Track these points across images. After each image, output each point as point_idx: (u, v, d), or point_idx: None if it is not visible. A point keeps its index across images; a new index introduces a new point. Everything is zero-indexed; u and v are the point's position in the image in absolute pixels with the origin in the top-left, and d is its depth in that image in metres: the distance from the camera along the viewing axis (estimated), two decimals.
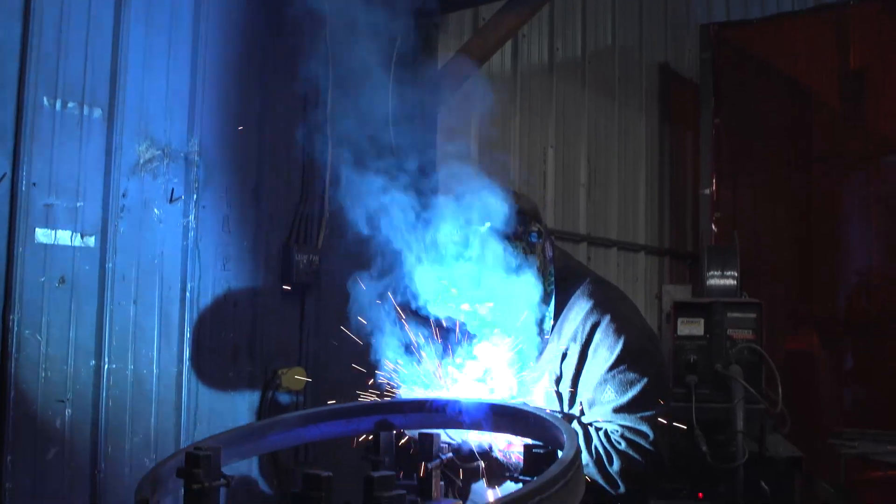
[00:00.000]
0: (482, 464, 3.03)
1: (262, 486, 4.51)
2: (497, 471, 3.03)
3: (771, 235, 8.32)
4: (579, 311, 3.25)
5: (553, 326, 3.29)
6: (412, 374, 3.18)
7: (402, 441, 2.94)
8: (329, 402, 3.12)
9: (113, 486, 3.88)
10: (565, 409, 3.22)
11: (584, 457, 3.03)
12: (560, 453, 2.39)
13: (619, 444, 3.06)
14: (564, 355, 3.23)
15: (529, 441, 2.72)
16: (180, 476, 2.33)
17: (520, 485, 2.57)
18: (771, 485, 5.64)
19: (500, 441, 3.03)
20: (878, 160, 7.89)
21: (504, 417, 2.84)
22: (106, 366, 3.89)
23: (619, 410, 3.09)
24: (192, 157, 4.23)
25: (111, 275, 3.91)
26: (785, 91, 8.36)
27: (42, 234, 3.69)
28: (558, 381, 3.23)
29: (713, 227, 8.15)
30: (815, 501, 6.20)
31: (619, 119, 7.83)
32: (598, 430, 3.12)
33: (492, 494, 3.04)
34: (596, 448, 3.07)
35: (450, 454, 2.96)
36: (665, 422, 3.17)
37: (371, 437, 2.93)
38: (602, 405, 3.12)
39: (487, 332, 3.15)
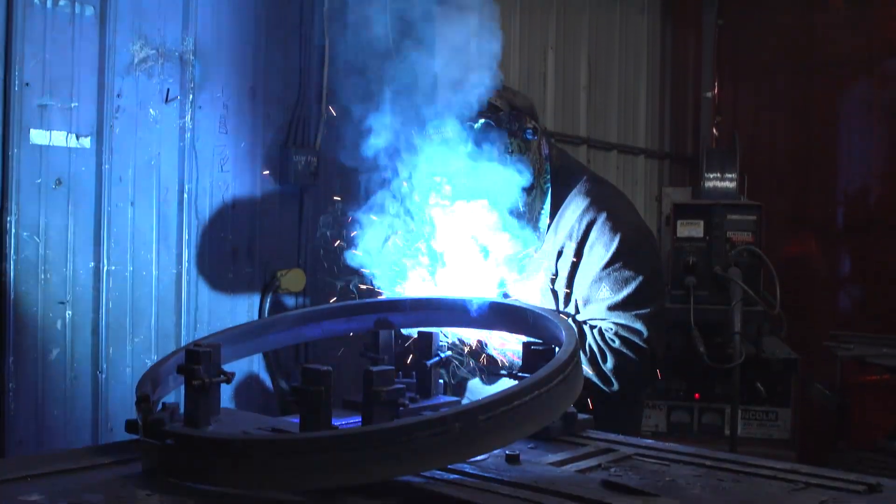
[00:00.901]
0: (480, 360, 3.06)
1: (264, 381, 4.56)
2: (493, 368, 3.06)
3: (771, 139, 8.28)
4: (576, 208, 3.23)
5: (549, 224, 3.28)
6: (410, 269, 3.18)
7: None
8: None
9: (114, 386, 3.93)
10: (560, 306, 3.22)
11: None
12: (558, 350, 2.40)
13: (613, 341, 3.07)
14: (560, 253, 3.22)
15: (526, 339, 2.73)
16: (181, 373, 2.33)
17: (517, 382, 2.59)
18: (767, 386, 5.74)
19: (495, 339, 3.04)
20: (881, 64, 7.82)
21: (503, 315, 2.85)
22: (105, 267, 3.89)
23: (613, 308, 3.09)
24: (188, 57, 4.17)
25: (108, 176, 3.89)
26: None
27: (37, 136, 3.66)
28: (554, 278, 3.23)
29: (714, 130, 8.10)
30: (811, 403, 6.29)
31: (621, 20, 7.68)
32: (592, 327, 3.12)
33: (489, 391, 3.07)
34: (590, 346, 3.08)
35: (448, 353, 2.98)
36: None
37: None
38: (597, 303, 3.13)
39: (481, 230, 3.13)
